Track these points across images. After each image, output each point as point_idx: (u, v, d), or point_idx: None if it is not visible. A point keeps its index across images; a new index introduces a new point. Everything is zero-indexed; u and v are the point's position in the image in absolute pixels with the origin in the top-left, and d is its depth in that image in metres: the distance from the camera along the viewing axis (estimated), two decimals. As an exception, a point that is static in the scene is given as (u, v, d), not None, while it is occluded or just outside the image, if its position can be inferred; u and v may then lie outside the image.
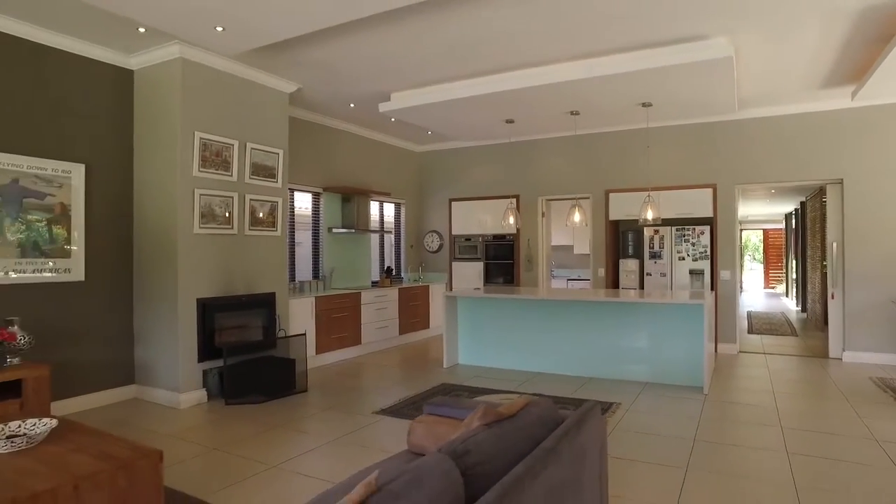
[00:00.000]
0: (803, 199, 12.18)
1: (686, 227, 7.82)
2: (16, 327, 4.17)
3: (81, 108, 4.94)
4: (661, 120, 7.51)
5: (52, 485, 2.22)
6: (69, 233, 4.85)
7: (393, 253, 9.27)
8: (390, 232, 9.15)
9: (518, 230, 8.67)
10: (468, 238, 9.27)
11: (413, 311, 8.47)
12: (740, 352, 7.61)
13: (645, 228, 7.93)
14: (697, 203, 7.64)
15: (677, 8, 4.32)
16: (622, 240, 8.45)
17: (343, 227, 7.80)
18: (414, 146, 9.52)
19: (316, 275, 7.53)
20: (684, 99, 6.40)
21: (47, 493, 2.18)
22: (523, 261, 8.85)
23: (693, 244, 7.81)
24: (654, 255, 8.04)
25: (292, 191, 7.07)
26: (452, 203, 9.39)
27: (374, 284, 8.14)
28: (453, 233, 9.39)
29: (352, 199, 7.82)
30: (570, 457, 1.99)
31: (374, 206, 8.58)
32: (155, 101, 5.19)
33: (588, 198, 8.30)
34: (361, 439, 4.14)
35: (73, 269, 4.87)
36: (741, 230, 18.31)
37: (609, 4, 4.24)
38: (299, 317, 6.38)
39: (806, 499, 3.07)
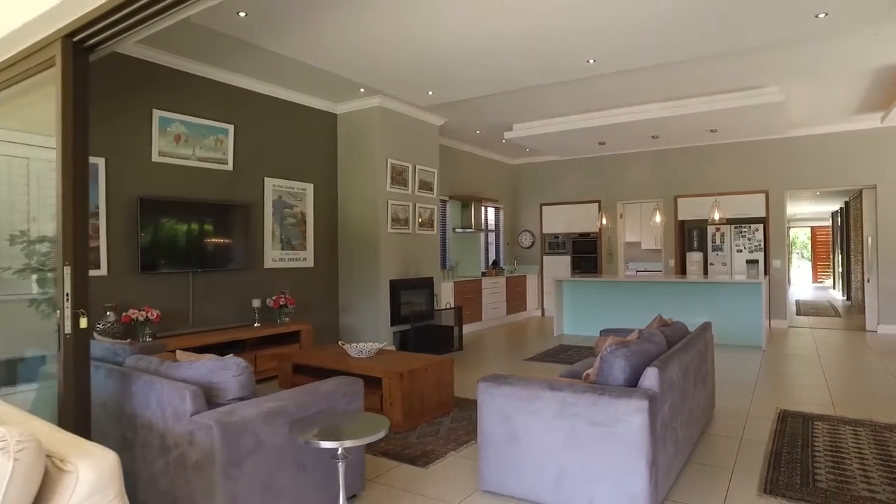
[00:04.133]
0: (847, 199, 13.62)
1: (743, 225, 9.53)
2: (288, 295, 6.26)
3: (309, 143, 7.02)
4: (723, 139, 9.24)
5: (405, 369, 4.23)
6: (305, 232, 6.93)
7: (494, 248, 11.22)
8: (493, 231, 11.10)
9: (601, 229, 10.51)
10: (556, 236, 11.16)
11: (515, 296, 10.41)
12: (789, 327, 9.28)
13: (709, 226, 9.67)
14: (752, 205, 9.33)
15: (742, 69, 6.11)
16: (688, 236, 10.19)
17: (462, 228, 9.79)
18: (510, 160, 11.46)
19: (444, 265, 9.52)
20: (743, 126, 8.15)
21: (408, 370, 4.19)
22: (605, 254, 10.68)
23: (749, 239, 9.50)
24: (716, 249, 9.77)
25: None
26: (543, 207, 11.30)
27: (483, 275, 10.09)
28: (544, 231, 11.29)
29: (469, 204, 9.79)
30: (695, 351, 3.84)
31: (482, 210, 10.53)
32: (356, 137, 7.24)
33: (660, 201, 10.08)
34: (526, 373, 6.07)
35: (308, 258, 6.95)
36: (789, 228, 19.67)
37: (692, 69, 6.06)
38: (443, 296, 8.37)
39: (838, 399, 4.88)
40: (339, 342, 5.52)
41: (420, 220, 7.72)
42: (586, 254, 10.86)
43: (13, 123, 3.68)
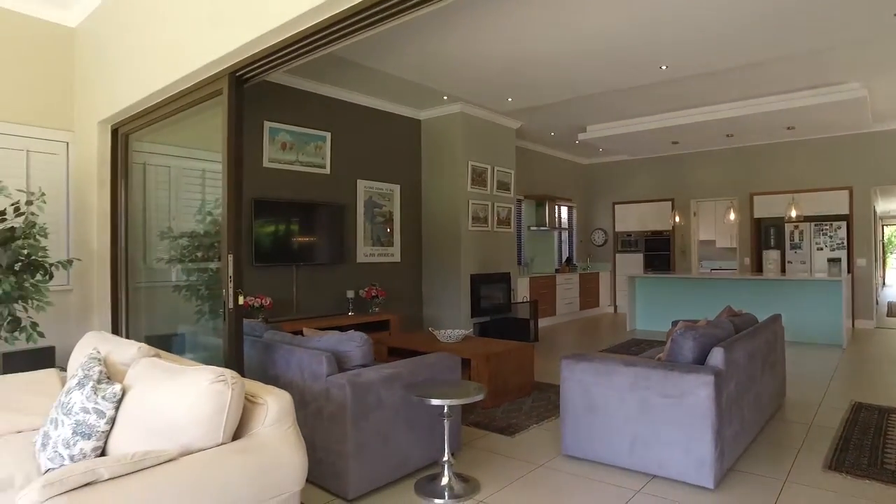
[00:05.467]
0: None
1: (824, 222, 9.38)
2: (379, 287, 6.86)
3: (396, 148, 7.61)
4: (802, 135, 9.15)
5: (490, 352, 4.68)
6: (392, 230, 7.53)
7: (567, 246, 11.51)
8: (566, 229, 11.39)
9: (674, 227, 10.60)
10: (629, 234, 11.32)
11: (588, 292, 10.68)
12: (877, 328, 9.06)
13: (786, 224, 9.58)
14: (834, 202, 9.18)
15: (821, 66, 6.17)
16: (764, 234, 10.12)
17: (536, 226, 10.16)
18: (583, 160, 11.71)
19: (519, 262, 9.93)
20: (824, 122, 8.09)
21: (493, 353, 4.65)
22: (678, 252, 10.76)
23: (830, 237, 9.35)
24: (795, 247, 9.67)
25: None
26: (615, 205, 11.48)
27: (557, 271, 10.41)
28: (616, 229, 11.47)
29: (543, 203, 10.15)
30: (763, 339, 4.07)
31: (555, 209, 10.86)
32: (438, 141, 7.77)
33: (734, 199, 10.06)
34: (600, 361, 6.39)
35: (395, 254, 7.55)
36: (883, 226, 18.70)
37: (770, 68, 6.18)
38: (519, 291, 8.79)
39: (914, 389, 4.95)
40: (429, 328, 6.05)
41: (498, 218, 8.16)
42: (659, 252, 10.97)
43: (166, 139, 4.43)
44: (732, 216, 8.97)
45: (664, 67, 5.90)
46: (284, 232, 6.21)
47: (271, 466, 2.05)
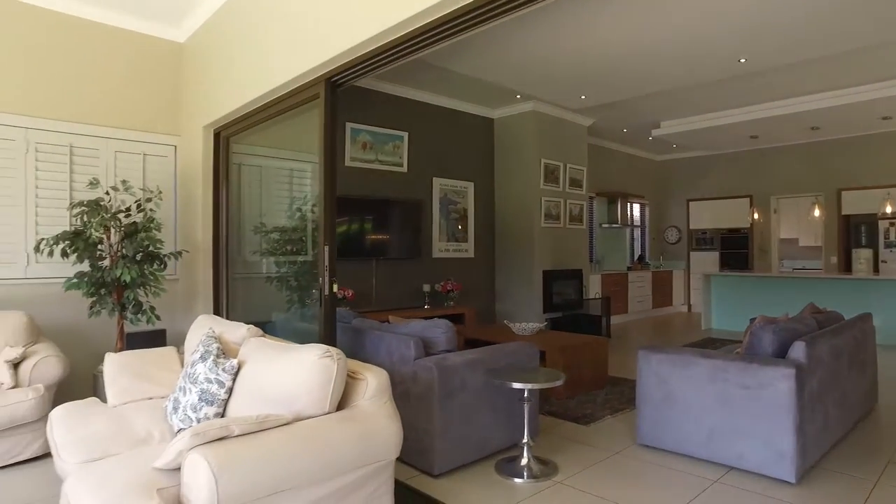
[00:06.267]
0: None
1: (922, 219, 8.83)
2: (454, 282, 7.07)
3: (469, 146, 7.80)
4: (896, 127, 8.67)
5: (565, 344, 4.78)
6: (466, 226, 7.73)
7: (639, 244, 11.36)
8: (638, 226, 11.25)
9: (752, 224, 10.26)
10: (704, 231, 11.04)
11: (661, 290, 10.51)
12: (979, 331, 8.46)
13: (880, 220, 9.09)
14: (934, 198, 8.63)
15: (917, 56, 5.88)
16: (854, 231, 9.62)
17: (608, 223, 10.10)
18: (655, 156, 11.51)
19: (591, 259, 9.91)
20: (921, 112, 7.65)
21: (568, 346, 4.74)
22: (757, 250, 10.40)
23: (930, 235, 8.80)
24: (890, 245, 9.15)
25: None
26: (690, 202, 11.22)
27: (629, 269, 10.31)
28: (690, 227, 11.22)
29: (615, 200, 10.08)
30: (849, 337, 3.96)
31: (627, 206, 10.75)
32: (511, 139, 7.90)
33: (820, 195, 9.63)
34: (674, 358, 6.35)
35: (469, 249, 7.74)
36: None
37: (860, 57, 5.93)
38: (591, 288, 8.79)
39: None
40: (504, 321, 6.21)
41: (570, 215, 8.20)
42: (736, 250, 10.64)
43: (258, 141, 4.80)
44: (817, 213, 8.60)
45: (743, 60, 5.78)
46: (364, 228, 6.53)
47: (371, 435, 2.28)
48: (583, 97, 6.94)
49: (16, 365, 3.44)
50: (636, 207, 11.19)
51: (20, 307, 4.08)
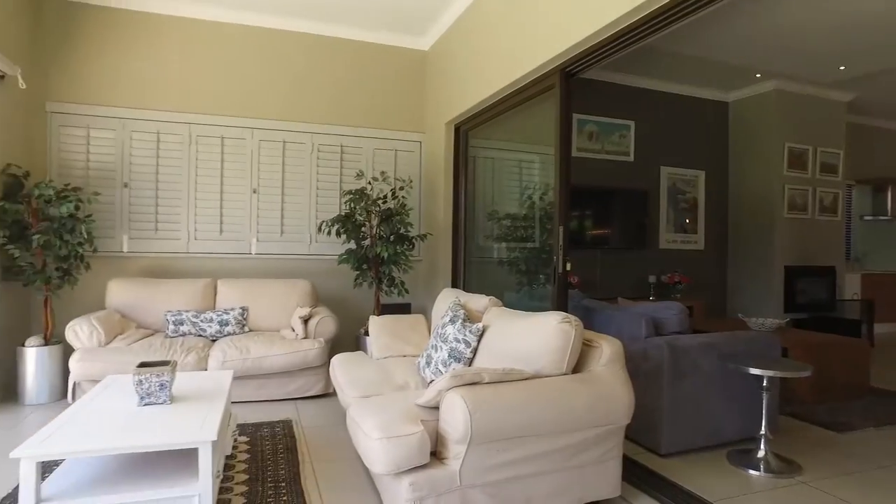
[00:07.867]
0: None
1: None
2: (682, 274, 6.77)
3: (700, 133, 7.37)
4: None
5: (812, 343, 4.28)
6: (696, 217, 7.34)
7: (916, 240, 9.57)
8: (915, 220, 9.48)
9: None
10: None
11: (946, 296, 8.73)
12: None
13: None
14: None
15: None
16: None
17: (872, 215, 8.70)
18: (942, 135, 9.57)
19: (848, 256, 8.65)
20: None
21: (817, 344, 4.25)
22: None
23: None
24: None
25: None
26: None
27: (902, 268, 8.75)
28: None
29: (884, 188, 8.64)
30: None
31: None
32: (749, 123, 7.28)
33: None
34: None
35: (699, 241, 7.34)
36: None
37: None
38: (847, 289, 7.69)
39: None
40: (738, 314, 5.83)
41: (821, 205, 7.28)
42: None
43: (490, 134, 5.19)
44: None
45: None
46: (590, 217, 6.61)
47: (604, 397, 2.42)
48: (841, 68, 6.10)
49: (305, 321, 4.27)
50: (912, 197, 9.43)
51: (305, 277, 5.03)
